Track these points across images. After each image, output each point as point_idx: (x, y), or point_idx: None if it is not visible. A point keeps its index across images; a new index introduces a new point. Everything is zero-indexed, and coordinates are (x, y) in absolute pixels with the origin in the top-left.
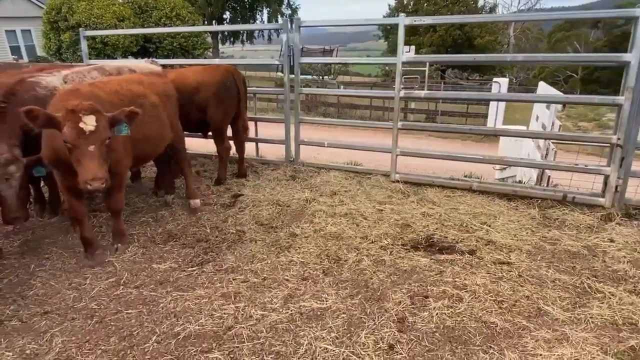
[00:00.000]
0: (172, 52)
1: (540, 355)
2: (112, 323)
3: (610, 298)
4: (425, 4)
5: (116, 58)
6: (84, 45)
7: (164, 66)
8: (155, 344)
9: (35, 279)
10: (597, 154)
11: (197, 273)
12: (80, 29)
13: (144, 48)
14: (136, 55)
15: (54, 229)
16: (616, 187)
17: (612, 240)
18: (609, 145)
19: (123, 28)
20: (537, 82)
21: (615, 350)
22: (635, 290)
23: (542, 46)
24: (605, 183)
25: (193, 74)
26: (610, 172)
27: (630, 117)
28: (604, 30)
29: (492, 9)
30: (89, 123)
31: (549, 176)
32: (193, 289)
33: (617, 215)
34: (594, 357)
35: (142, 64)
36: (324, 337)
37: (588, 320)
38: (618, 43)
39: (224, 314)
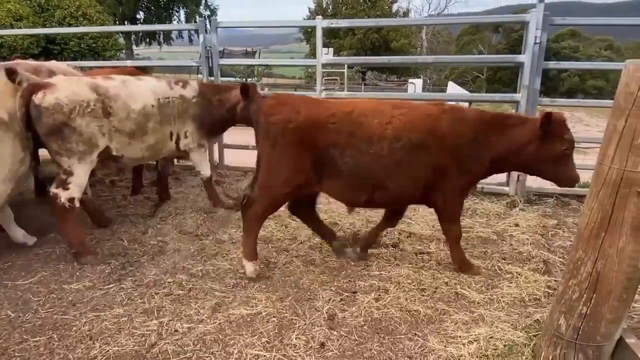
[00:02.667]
0: (80, 54)
1: (460, 336)
2: (16, 354)
3: (517, 278)
4: (344, 8)
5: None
6: None
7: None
8: None
9: None
10: None
11: (114, 290)
12: None
13: (47, 50)
14: (37, 57)
15: None
16: (518, 176)
17: (517, 225)
18: None
19: (20, 28)
20: (449, 82)
21: (524, 324)
22: (537, 268)
23: (452, 49)
24: (509, 173)
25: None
26: None
27: (526, 112)
28: (504, 34)
29: (405, 14)
30: None
31: None
32: (111, 308)
33: (520, 201)
34: (506, 333)
35: (62, 65)
36: (254, 344)
37: (500, 300)
38: (516, 46)
39: (147, 331)
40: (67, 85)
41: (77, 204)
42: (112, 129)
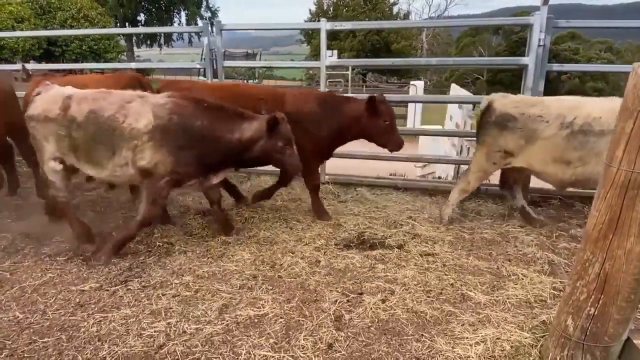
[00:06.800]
0: (82, 56)
1: (467, 337)
2: (25, 355)
3: (522, 279)
4: (345, 10)
5: (16, 62)
6: None
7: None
8: None
9: None
10: None
11: (121, 291)
12: None
13: (48, 51)
14: (39, 59)
15: None
16: None
17: (521, 227)
18: None
19: (22, 30)
20: (449, 84)
21: (530, 325)
22: (542, 270)
23: (451, 51)
24: None
25: (92, 83)
26: None
27: None
28: (504, 36)
29: (406, 16)
30: None
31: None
32: (118, 309)
33: None
34: (512, 335)
35: None
36: (262, 345)
37: (505, 301)
38: (516, 48)
39: (155, 332)
40: None
41: None
42: None
